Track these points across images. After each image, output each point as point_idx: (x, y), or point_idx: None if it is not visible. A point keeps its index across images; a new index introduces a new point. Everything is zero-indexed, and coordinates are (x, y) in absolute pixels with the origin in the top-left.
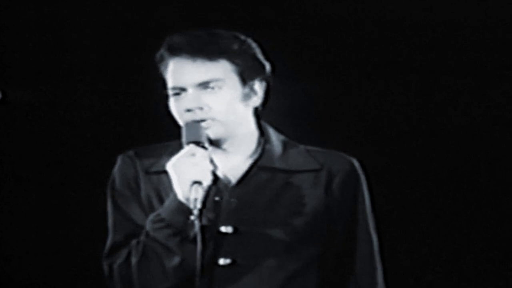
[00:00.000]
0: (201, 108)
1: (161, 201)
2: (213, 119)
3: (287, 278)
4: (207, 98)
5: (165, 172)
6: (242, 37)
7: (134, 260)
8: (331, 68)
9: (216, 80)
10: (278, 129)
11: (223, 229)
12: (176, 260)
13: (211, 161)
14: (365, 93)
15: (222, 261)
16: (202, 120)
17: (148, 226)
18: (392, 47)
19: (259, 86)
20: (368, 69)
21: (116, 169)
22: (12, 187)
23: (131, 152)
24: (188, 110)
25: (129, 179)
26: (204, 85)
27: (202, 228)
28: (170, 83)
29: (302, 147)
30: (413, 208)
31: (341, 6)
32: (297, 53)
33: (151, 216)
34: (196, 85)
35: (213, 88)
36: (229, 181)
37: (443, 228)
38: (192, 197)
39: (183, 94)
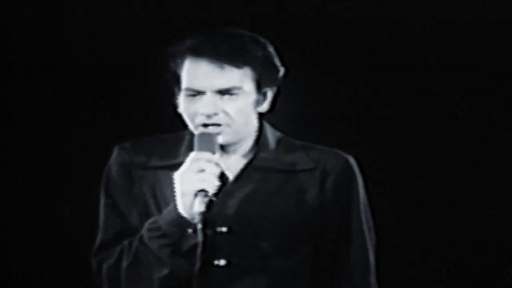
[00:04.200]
0: (217, 114)
1: (156, 199)
2: (227, 125)
3: (282, 278)
4: (225, 104)
5: (161, 168)
6: (262, 40)
7: (124, 263)
8: (328, 67)
9: (238, 88)
10: (274, 126)
11: (218, 229)
12: (165, 271)
13: (218, 165)
14: (363, 91)
15: (217, 262)
16: (216, 125)
17: (143, 232)
18: (392, 47)
19: (270, 92)
20: (365, 67)
21: (111, 161)
22: (9, 186)
23: (127, 145)
24: (203, 114)
25: (125, 173)
26: (225, 91)
27: (204, 242)
28: (187, 84)
29: (298, 144)
30: (411, 206)
31: (341, 6)
32: (294, 53)
33: (148, 223)
34: (217, 90)
35: (232, 95)
36: (226, 181)
37: (439, 226)
38: (195, 210)
39: (199, 97)
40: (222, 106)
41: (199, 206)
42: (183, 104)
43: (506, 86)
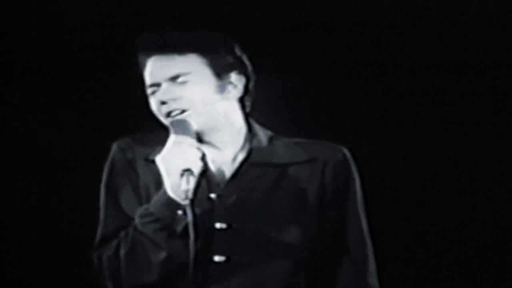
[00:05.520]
0: (174, 100)
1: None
2: (190, 109)
3: (282, 274)
4: (180, 90)
5: None
6: (217, 34)
7: (122, 252)
8: (316, 61)
9: (185, 73)
10: (264, 125)
11: (217, 225)
12: (162, 254)
13: (199, 149)
14: (351, 85)
15: (217, 258)
16: (179, 111)
17: (136, 219)
18: (376, 38)
19: (237, 80)
20: (363, 67)
21: (112, 156)
22: (9, 184)
23: (127, 139)
24: (163, 103)
25: (127, 166)
26: (175, 78)
27: (194, 221)
28: (147, 82)
29: (289, 140)
30: (404, 197)
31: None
32: (283, 48)
33: (140, 210)
34: (168, 79)
35: (183, 81)
36: (222, 178)
37: (433, 215)
38: (182, 188)
39: (158, 89)
40: (179, 92)
41: (185, 184)
42: (150, 102)
43: (506, 86)
